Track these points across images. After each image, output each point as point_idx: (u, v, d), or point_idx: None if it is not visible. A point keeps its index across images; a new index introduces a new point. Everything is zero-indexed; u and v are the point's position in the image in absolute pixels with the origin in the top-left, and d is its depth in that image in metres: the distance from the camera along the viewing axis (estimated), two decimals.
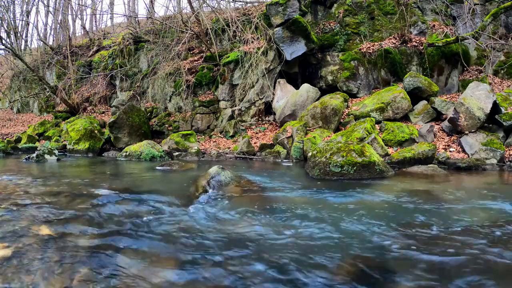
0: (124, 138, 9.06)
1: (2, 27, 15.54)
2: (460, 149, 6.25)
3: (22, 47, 19.08)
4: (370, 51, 8.94)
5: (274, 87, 9.20)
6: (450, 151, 6.25)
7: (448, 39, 8.25)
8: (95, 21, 20.21)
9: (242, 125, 9.17)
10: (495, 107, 6.43)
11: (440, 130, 6.95)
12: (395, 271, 1.80)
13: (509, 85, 8.15)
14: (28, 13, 19.06)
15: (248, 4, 11.68)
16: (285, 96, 8.79)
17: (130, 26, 14.25)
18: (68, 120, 10.73)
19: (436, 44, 8.29)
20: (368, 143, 5.82)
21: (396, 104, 7.39)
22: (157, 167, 5.87)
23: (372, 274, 1.78)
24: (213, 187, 3.70)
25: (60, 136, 10.33)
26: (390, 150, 6.33)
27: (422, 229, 2.44)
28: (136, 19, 14.95)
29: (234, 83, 9.57)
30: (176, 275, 1.76)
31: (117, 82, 12.71)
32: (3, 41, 12.66)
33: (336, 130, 7.53)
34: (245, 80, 9.22)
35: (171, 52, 10.75)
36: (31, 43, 22.38)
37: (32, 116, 15.33)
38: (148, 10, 14.61)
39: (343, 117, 7.87)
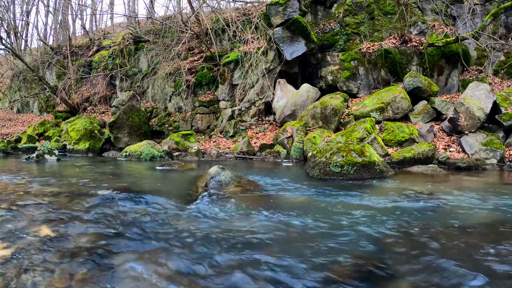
0: (124, 138, 9.06)
1: (2, 27, 15.54)
2: (460, 149, 6.25)
3: (22, 47, 19.06)
4: (370, 51, 8.94)
5: (274, 87, 9.20)
6: (450, 151, 6.25)
7: (448, 39, 8.25)
8: (95, 21, 20.21)
9: (242, 125, 9.17)
10: (495, 107, 6.43)
11: (440, 130, 6.95)
12: (393, 271, 1.80)
13: (509, 85, 8.15)
14: (28, 13, 19.07)
15: (248, 4, 11.67)
16: (285, 96, 8.79)
17: (130, 26, 14.25)
18: (68, 120, 10.73)
19: (436, 44, 8.29)
20: (368, 143, 5.81)
21: (396, 104, 7.39)
22: (157, 167, 5.87)
23: (370, 274, 1.78)
24: (213, 187, 3.70)
25: (60, 136, 10.33)
26: (390, 150, 6.33)
27: (421, 229, 2.45)
28: (136, 19, 14.93)
29: (234, 83, 9.57)
30: (175, 275, 1.76)
31: (117, 82, 12.71)
32: (3, 41, 12.66)
33: (336, 130, 7.53)
34: (245, 80, 9.21)
35: (171, 52, 10.75)
36: (31, 43, 22.41)
37: (32, 116, 15.33)
38: (148, 10, 14.63)
39: (343, 117, 7.87)
